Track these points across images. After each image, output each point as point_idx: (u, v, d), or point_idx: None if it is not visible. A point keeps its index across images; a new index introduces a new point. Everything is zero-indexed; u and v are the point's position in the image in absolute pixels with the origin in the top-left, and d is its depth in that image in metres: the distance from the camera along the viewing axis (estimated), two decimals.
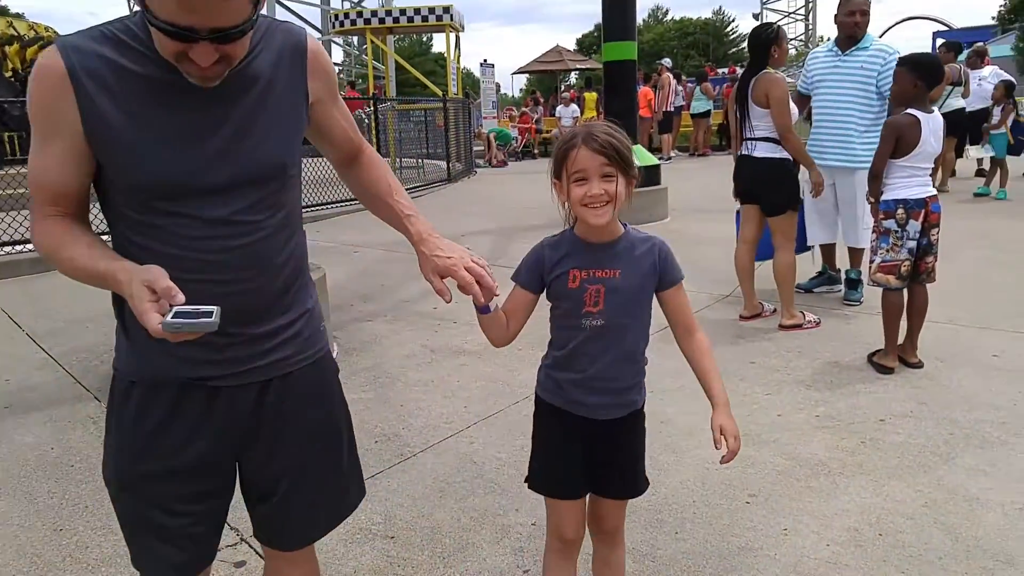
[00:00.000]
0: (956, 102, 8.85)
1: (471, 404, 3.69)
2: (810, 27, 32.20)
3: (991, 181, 9.51)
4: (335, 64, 25.93)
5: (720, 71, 20.70)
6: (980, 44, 11.07)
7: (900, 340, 3.91)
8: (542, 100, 22.69)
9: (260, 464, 1.46)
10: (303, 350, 1.46)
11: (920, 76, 3.78)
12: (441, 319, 5.08)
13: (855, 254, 5.13)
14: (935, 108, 3.94)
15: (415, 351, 4.52)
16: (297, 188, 1.43)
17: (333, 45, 24.34)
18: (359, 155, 1.61)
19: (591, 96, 17.77)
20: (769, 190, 4.59)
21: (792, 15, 35.11)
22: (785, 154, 4.50)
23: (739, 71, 22.17)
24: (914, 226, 3.76)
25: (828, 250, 5.44)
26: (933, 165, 3.98)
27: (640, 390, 1.84)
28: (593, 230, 1.70)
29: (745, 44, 7.28)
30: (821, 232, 5.25)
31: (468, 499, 2.82)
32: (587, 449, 1.81)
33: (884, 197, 3.86)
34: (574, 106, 17.71)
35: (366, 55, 17.08)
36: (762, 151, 4.53)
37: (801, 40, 35.61)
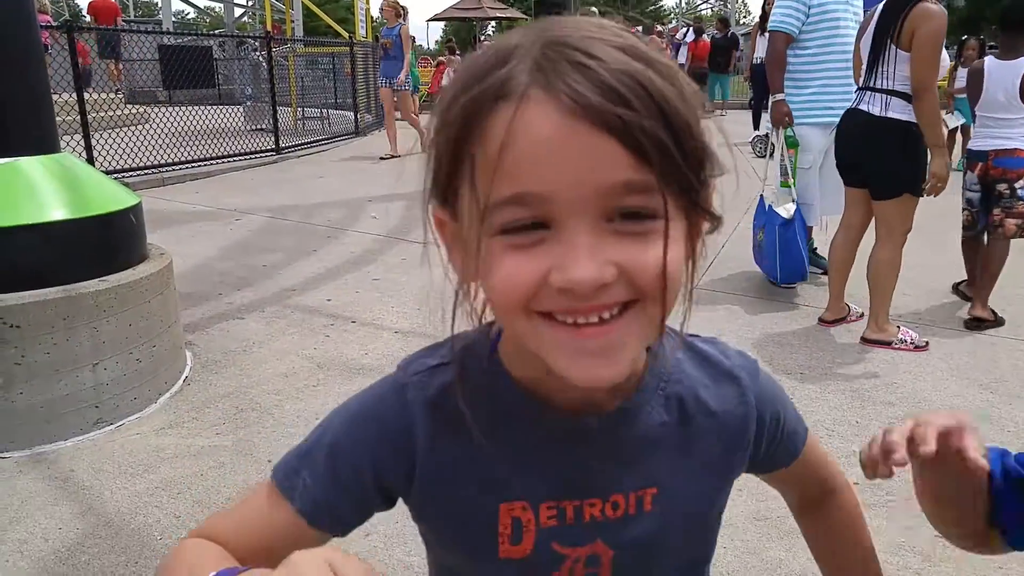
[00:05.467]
0: None
1: None
2: None
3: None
4: (238, 4, 23.44)
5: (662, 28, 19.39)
6: None
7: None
8: (459, 52, 21.12)
9: None
10: None
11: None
12: (335, 317, 3.91)
13: None
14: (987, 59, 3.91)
15: (297, 367, 3.33)
16: None
17: None
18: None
19: None
20: (886, 162, 3.34)
21: None
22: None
23: (685, 32, 19.29)
24: (971, 177, 3.83)
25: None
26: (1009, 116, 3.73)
27: None
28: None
29: None
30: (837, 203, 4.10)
31: None
32: None
33: None
34: None
35: None
36: (886, 108, 3.30)
37: None
